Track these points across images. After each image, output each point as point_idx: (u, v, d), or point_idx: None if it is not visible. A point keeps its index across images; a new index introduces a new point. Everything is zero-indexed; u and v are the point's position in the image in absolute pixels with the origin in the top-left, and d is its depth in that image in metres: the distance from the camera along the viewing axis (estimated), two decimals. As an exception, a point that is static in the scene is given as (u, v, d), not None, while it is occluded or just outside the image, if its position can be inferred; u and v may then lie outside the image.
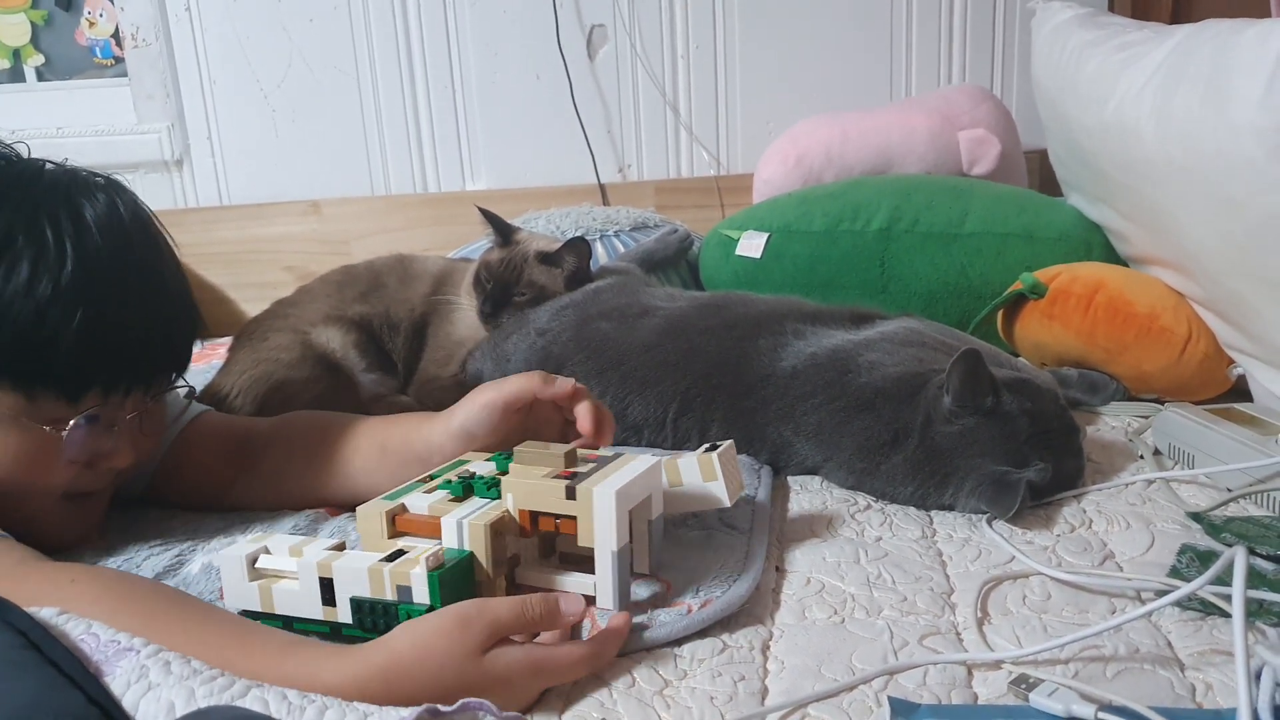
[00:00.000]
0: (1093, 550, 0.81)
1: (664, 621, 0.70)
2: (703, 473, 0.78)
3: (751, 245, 1.50)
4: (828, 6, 1.95)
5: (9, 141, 0.83)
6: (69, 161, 0.83)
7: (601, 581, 0.69)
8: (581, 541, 0.69)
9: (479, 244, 1.55)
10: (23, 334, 0.74)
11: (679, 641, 0.69)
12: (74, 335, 0.75)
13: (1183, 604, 0.70)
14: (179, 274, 0.87)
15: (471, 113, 2.03)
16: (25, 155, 0.82)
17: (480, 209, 1.36)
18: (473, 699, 0.49)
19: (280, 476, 0.95)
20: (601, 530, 0.68)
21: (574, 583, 0.71)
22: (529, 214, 1.78)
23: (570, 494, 0.69)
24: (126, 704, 0.53)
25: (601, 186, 2.00)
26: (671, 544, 0.83)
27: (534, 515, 0.71)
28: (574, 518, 0.69)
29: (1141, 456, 1.01)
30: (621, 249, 1.64)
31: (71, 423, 0.78)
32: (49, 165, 0.82)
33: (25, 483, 0.79)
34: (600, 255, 1.62)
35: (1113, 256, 1.36)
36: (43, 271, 0.74)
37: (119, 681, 0.55)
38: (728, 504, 0.78)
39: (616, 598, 0.69)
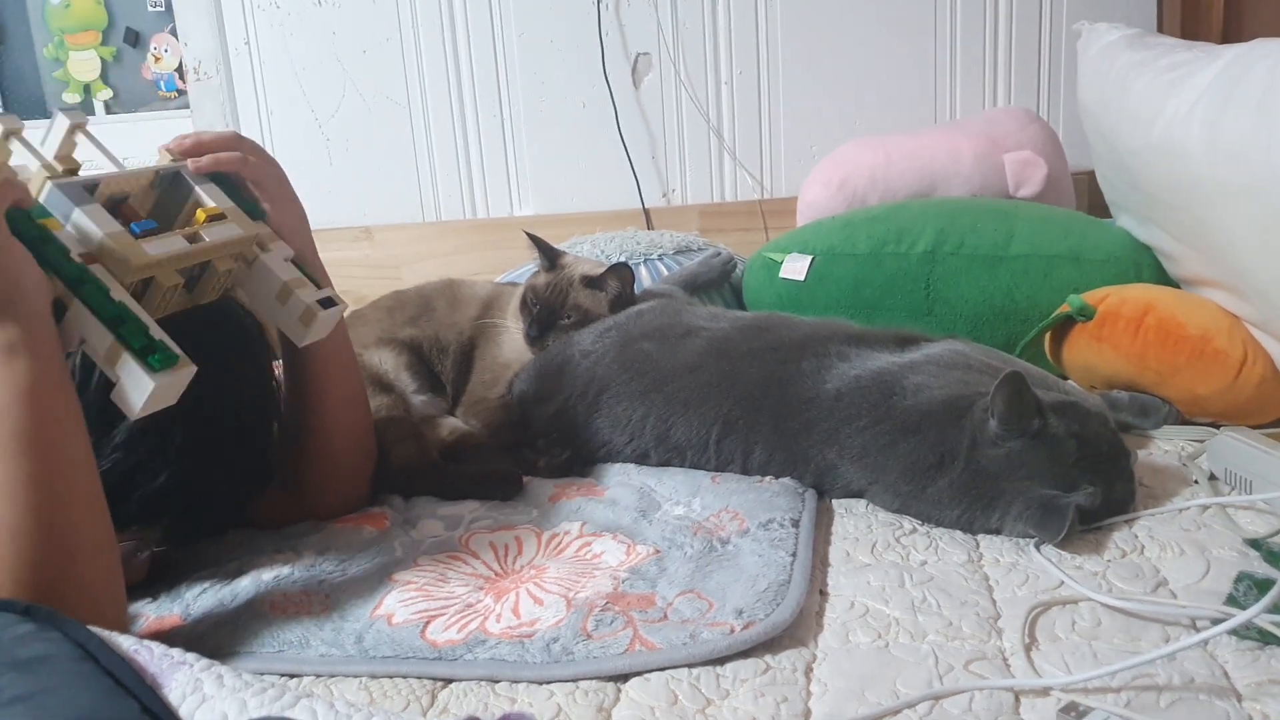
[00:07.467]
0: (1145, 576, 0.79)
1: (707, 639, 0.70)
2: None
3: (795, 268, 1.50)
4: (871, 30, 1.96)
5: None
6: None
7: None
8: None
9: (526, 268, 1.58)
10: None
11: (721, 660, 0.69)
12: None
13: (1239, 632, 0.68)
14: None
15: (519, 140, 2.06)
16: None
17: (527, 234, 1.38)
18: (513, 712, 0.49)
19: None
20: None
21: None
22: (575, 238, 1.79)
23: None
24: (183, 715, 0.55)
25: (646, 211, 2.01)
26: (715, 563, 0.83)
27: None
28: None
29: (1196, 481, 0.99)
30: (665, 272, 1.66)
31: None
32: None
33: None
34: (644, 278, 1.63)
35: (1163, 278, 1.34)
36: None
37: (175, 694, 0.56)
38: None
39: None
